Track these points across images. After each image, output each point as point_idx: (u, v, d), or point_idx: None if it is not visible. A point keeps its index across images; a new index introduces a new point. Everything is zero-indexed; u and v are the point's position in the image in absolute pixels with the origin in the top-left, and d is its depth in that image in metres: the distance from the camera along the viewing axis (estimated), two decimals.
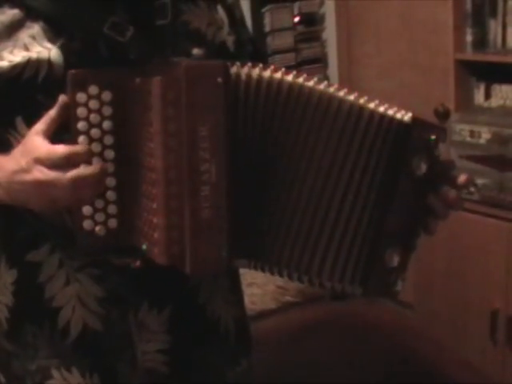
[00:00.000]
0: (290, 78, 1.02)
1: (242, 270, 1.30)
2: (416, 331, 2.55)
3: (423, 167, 1.02)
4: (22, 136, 1.05)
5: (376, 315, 2.65)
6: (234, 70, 1.00)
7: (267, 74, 1.01)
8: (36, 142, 0.99)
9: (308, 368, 2.21)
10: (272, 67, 1.02)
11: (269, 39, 3.42)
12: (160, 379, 1.17)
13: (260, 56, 1.31)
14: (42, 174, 0.98)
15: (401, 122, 1.02)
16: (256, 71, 1.01)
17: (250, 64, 1.01)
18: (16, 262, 1.12)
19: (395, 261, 1.04)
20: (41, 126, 1.01)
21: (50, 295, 1.10)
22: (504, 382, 2.51)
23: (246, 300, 1.36)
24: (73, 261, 1.09)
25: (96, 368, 1.13)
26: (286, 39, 3.45)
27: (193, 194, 0.97)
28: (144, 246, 1.02)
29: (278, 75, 1.02)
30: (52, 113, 1.01)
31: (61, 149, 0.98)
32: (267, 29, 3.41)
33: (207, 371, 1.22)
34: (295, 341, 2.38)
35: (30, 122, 1.03)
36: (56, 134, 1.01)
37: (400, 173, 1.02)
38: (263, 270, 1.06)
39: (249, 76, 1.01)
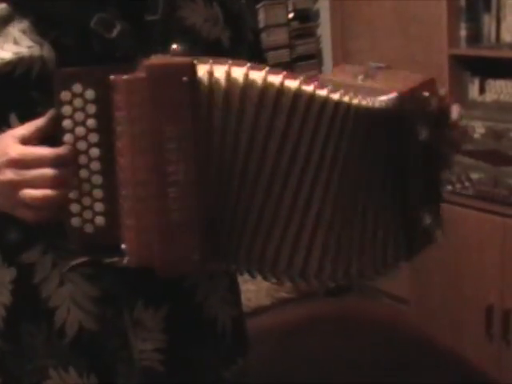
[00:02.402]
0: (272, 77, 0.98)
1: None
2: (411, 326, 2.55)
3: (425, 132, 1.03)
4: None
5: (371, 310, 2.65)
6: (205, 67, 0.98)
7: (243, 71, 0.98)
8: (8, 142, 0.99)
9: (303, 364, 2.20)
10: (254, 65, 1.00)
11: (263, 36, 3.41)
12: (157, 378, 1.16)
13: (259, 48, 1.30)
14: (15, 174, 0.98)
15: (387, 107, 1.00)
16: (235, 68, 0.99)
17: (230, 61, 0.99)
18: (13, 262, 1.11)
19: (429, 218, 1.07)
20: (21, 130, 1.00)
21: (45, 295, 1.10)
22: (500, 377, 2.51)
23: (241, 296, 1.36)
24: (65, 261, 1.09)
25: (93, 368, 1.13)
26: (281, 35, 3.44)
27: (160, 195, 0.96)
28: (123, 246, 1.01)
29: (258, 73, 0.99)
30: (38, 122, 1.01)
31: (44, 151, 0.98)
32: (261, 25, 3.40)
33: (203, 370, 1.21)
34: (290, 337, 2.38)
35: (24, 119, 1.03)
36: None
37: (406, 146, 1.03)
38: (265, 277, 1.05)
39: (227, 73, 0.98)
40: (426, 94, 1.04)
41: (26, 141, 1.00)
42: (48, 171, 0.97)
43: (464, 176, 2.67)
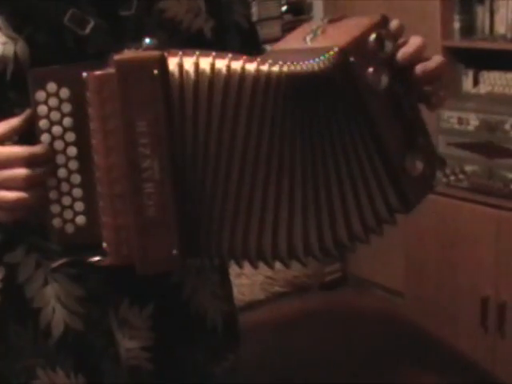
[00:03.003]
0: (235, 63, 0.96)
1: None
2: (405, 319, 2.55)
3: (385, 78, 0.98)
4: None
5: (365, 304, 2.64)
6: (176, 60, 0.96)
7: (209, 61, 0.96)
8: None
9: (297, 357, 2.20)
10: (219, 53, 0.97)
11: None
12: (145, 377, 1.15)
13: (256, 37, 1.28)
14: None
15: (324, 67, 0.95)
16: (202, 59, 0.96)
17: (197, 52, 0.97)
18: (1, 261, 1.10)
19: (420, 164, 1.02)
20: None
21: (30, 296, 1.10)
22: (494, 369, 2.51)
23: (235, 291, 1.35)
24: (49, 261, 1.08)
25: (80, 368, 1.12)
26: (274, 28, 3.43)
27: (135, 192, 0.95)
28: (104, 244, 1.01)
29: (223, 61, 0.96)
30: (13, 121, 1.00)
31: (15, 150, 0.97)
32: (255, 18, 3.40)
33: (193, 367, 1.20)
34: (284, 331, 2.38)
35: (3, 120, 1.02)
36: None
37: (364, 98, 0.98)
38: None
39: (196, 64, 0.96)
40: (373, 37, 0.97)
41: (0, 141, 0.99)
42: (20, 171, 0.96)
43: (458, 168, 2.66)
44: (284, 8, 3.46)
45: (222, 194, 1.00)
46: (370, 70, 0.98)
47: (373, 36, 0.98)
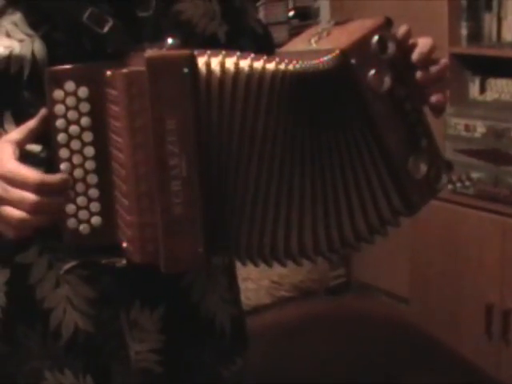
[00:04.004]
0: (256, 63, 0.97)
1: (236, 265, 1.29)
2: (410, 325, 2.55)
3: (388, 80, 0.98)
4: (7, 132, 1.03)
5: (370, 309, 2.65)
6: (204, 58, 0.96)
7: (233, 60, 0.97)
8: (4, 149, 0.97)
9: (303, 362, 2.20)
10: (243, 54, 0.98)
11: None
12: (154, 379, 1.15)
13: (270, 42, 1.29)
14: (4, 192, 0.96)
15: (332, 66, 0.96)
16: (228, 59, 0.97)
17: (223, 52, 0.97)
18: (7, 262, 1.10)
19: (422, 167, 1.02)
20: (15, 135, 0.99)
21: (40, 297, 1.09)
22: (499, 375, 2.50)
23: (241, 295, 1.35)
24: (62, 262, 1.08)
25: (89, 369, 1.12)
26: (281, 33, 3.43)
27: (162, 190, 0.95)
28: (124, 244, 1.00)
29: (245, 61, 0.97)
30: (30, 123, 1.00)
31: (29, 175, 0.96)
32: None
33: (201, 370, 1.20)
34: (290, 335, 2.38)
35: (18, 120, 1.02)
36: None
37: (366, 100, 0.98)
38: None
39: (221, 64, 0.96)
40: (376, 39, 0.97)
41: (21, 144, 0.99)
42: (29, 196, 0.95)
43: (464, 175, 2.66)
44: (291, 13, 3.46)
45: (242, 193, 1.00)
46: (372, 71, 0.98)
47: (375, 38, 0.98)
